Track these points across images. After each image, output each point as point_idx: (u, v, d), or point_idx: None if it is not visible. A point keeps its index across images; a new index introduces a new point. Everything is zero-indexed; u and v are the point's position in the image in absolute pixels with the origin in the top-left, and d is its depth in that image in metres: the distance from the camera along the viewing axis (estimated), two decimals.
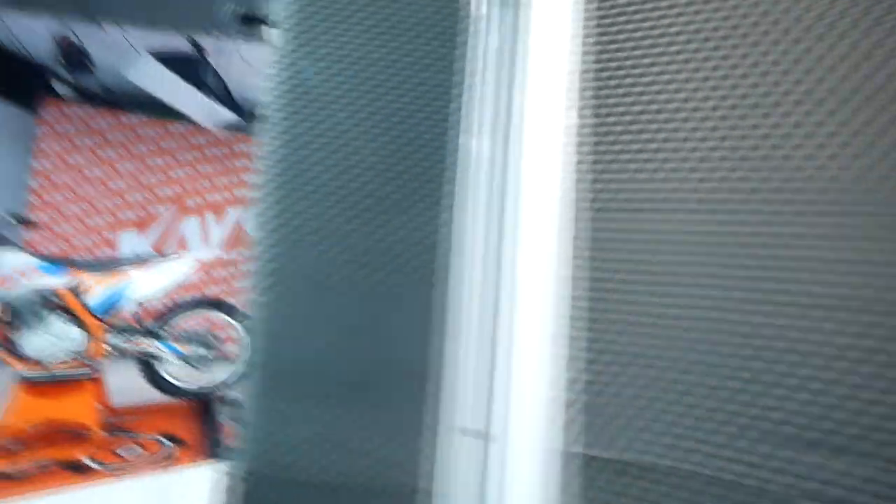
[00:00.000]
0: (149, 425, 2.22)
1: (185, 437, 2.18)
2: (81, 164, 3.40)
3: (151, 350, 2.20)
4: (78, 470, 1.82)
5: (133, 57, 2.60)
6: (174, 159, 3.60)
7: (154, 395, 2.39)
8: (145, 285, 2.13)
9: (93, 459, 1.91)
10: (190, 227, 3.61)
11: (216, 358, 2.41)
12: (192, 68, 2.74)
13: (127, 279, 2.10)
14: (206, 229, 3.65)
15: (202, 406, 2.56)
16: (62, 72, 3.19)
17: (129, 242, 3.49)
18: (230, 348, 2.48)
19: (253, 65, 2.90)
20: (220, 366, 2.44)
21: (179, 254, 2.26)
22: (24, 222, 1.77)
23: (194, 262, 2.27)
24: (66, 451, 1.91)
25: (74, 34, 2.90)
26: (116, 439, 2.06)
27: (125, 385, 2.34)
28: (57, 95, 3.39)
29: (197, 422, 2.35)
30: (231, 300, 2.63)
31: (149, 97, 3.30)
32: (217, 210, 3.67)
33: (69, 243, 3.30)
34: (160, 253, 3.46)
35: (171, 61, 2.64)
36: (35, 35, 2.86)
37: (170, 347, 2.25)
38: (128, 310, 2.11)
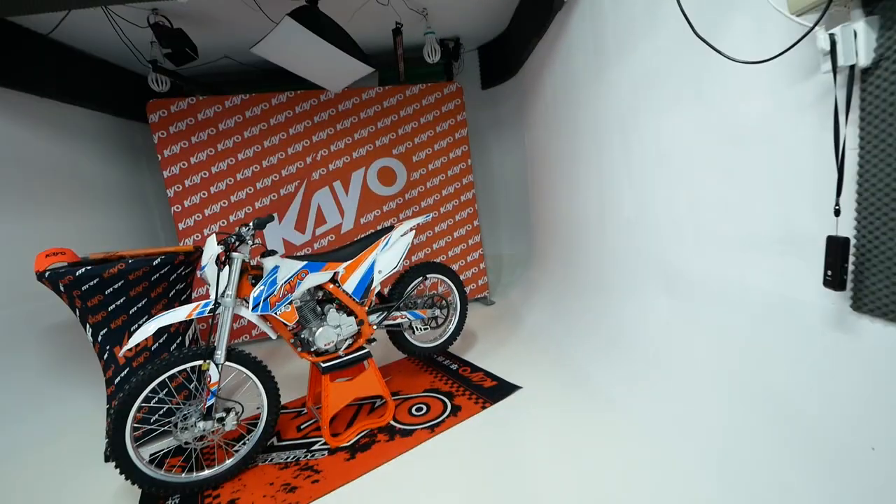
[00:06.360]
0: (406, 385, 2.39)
1: (447, 390, 2.37)
2: (204, 161, 3.29)
3: (404, 321, 2.30)
4: (393, 433, 2.02)
5: (264, 30, 2.32)
6: (286, 134, 3.43)
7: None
8: (383, 262, 2.15)
9: (398, 421, 2.12)
10: (323, 199, 3.56)
11: (446, 315, 2.51)
12: (312, 22, 2.44)
13: (369, 261, 2.12)
14: (337, 198, 3.59)
15: (426, 360, 2.74)
16: (163, 65, 2.94)
17: (273, 228, 3.49)
18: (451, 305, 2.56)
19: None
20: (448, 322, 2.55)
21: (399, 224, 2.24)
22: (262, 226, 1.75)
23: (412, 230, 2.25)
24: (376, 419, 2.11)
25: (166, 19, 2.60)
26: (402, 401, 2.26)
27: None
28: (158, 95, 3.17)
29: (440, 376, 2.53)
30: (437, 261, 2.64)
31: (262, 70, 2.98)
32: (342, 177, 3.57)
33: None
34: (300, 230, 3.46)
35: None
36: (133, 28, 2.58)
37: (414, 315, 2.34)
38: (375, 288, 2.16)
